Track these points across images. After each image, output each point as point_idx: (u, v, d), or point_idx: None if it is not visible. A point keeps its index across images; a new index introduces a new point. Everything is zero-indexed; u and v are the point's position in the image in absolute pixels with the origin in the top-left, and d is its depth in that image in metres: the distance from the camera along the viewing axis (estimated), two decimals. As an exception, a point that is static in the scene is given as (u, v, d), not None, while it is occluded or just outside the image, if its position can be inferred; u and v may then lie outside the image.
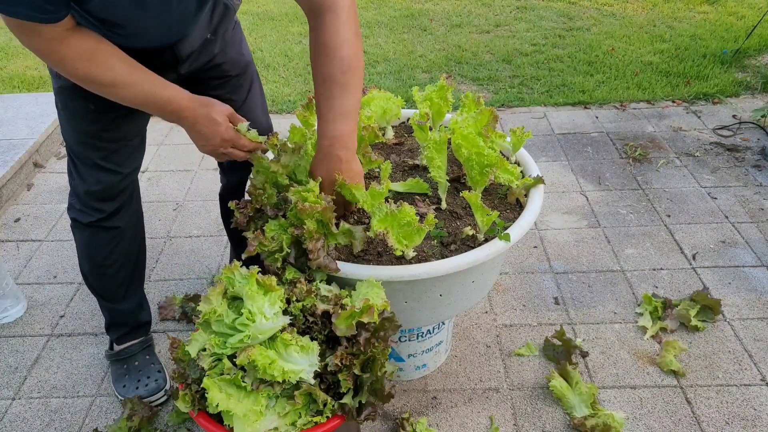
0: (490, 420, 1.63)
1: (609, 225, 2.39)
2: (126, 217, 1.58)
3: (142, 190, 2.71)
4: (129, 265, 1.67)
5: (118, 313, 1.73)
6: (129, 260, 1.66)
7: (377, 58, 4.01)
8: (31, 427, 1.67)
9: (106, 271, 1.63)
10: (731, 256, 2.18)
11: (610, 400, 1.68)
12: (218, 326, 1.08)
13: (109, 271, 1.64)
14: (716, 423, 1.60)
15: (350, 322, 1.10)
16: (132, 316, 1.75)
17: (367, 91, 1.63)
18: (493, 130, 1.42)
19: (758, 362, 1.76)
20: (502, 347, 1.86)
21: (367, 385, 1.11)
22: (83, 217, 1.53)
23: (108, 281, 1.66)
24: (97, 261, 1.61)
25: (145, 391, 1.69)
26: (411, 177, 1.49)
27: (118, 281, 1.67)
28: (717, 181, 2.61)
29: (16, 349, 1.93)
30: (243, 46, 1.55)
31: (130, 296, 1.72)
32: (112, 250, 1.60)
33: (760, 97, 3.33)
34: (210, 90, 1.48)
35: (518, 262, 2.21)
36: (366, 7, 4.99)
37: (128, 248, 1.64)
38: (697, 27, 4.22)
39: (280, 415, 1.06)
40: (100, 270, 1.63)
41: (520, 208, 1.39)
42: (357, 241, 1.24)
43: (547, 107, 3.36)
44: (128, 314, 1.74)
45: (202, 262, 2.27)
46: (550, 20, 4.54)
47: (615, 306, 2.00)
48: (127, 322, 1.75)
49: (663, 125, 3.09)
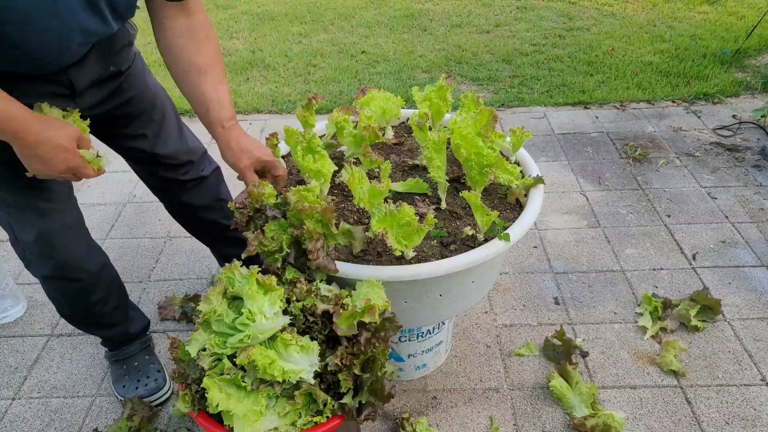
0: (490, 420, 1.63)
1: (609, 225, 2.39)
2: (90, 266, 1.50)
3: (143, 190, 2.72)
4: (114, 297, 1.63)
5: (115, 336, 1.72)
6: (113, 290, 1.62)
7: (377, 58, 4.01)
8: (31, 427, 1.67)
9: (93, 310, 1.58)
10: (731, 256, 2.18)
11: (610, 400, 1.68)
12: (218, 326, 1.08)
13: (96, 309, 1.58)
14: (716, 423, 1.60)
15: (351, 322, 1.10)
16: (125, 335, 1.73)
17: (367, 91, 1.63)
18: (493, 130, 1.42)
19: (758, 362, 1.76)
20: (502, 347, 1.86)
21: (367, 385, 1.11)
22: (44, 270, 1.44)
23: (98, 316, 1.62)
24: (81, 304, 1.56)
25: (145, 391, 1.69)
26: (411, 177, 1.49)
27: (109, 310, 1.63)
28: (717, 181, 2.61)
29: (16, 349, 1.93)
30: (148, 79, 1.49)
31: (125, 316, 1.71)
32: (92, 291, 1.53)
33: (760, 97, 3.33)
34: (121, 128, 1.46)
35: (518, 262, 2.21)
36: (366, 7, 4.99)
37: (109, 283, 1.59)
38: (697, 27, 4.22)
39: (280, 415, 1.06)
40: (86, 309, 1.58)
41: (520, 208, 1.39)
42: (357, 241, 1.24)
43: (547, 107, 3.36)
44: (123, 334, 1.73)
45: (202, 262, 2.27)
46: (550, 20, 4.54)
47: (615, 306, 2.00)
48: (122, 339, 1.74)
49: (663, 125, 3.09)
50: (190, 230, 1.85)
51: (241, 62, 4.03)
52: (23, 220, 1.36)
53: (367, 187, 1.24)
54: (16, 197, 1.33)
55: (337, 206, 1.37)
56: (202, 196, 1.69)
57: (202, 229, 1.81)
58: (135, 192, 2.73)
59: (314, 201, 1.19)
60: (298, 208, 1.16)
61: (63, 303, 1.57)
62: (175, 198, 1.69)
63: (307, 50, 4.18)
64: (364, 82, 3.69)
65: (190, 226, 1.83)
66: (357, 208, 1.39)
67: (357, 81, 3.70)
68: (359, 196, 1.23)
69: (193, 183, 1.65)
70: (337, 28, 4.58)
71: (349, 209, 1.39)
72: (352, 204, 1.40)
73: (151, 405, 1.66)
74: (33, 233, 1.36)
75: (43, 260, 1.43)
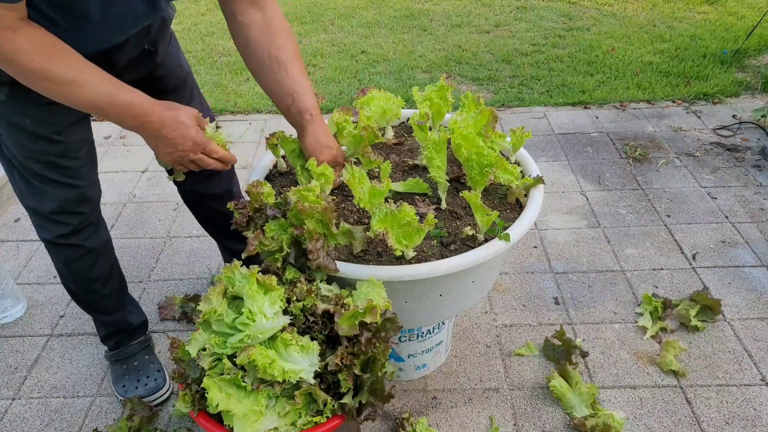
0: (490, 420, 1.63)
1: (609, 225, 2.39)
2: (94, 240, 1.52)
3: (142, 190, 2.73)
4: (115, 278, 1.65)
5: (114, 324, 1.72)
6: (113, 273, 1.64)
7: (377, 58, 4.01)
8: (31, 427, 1.67)
9: (93, 286, 1.60)
10: (731, 256, 2.18)
11: (610, 400, 1.68)
12: (218, 326, 1.08)
13: (96, 286, 1.61)
14: (716, 423, 1.60)
15: (353, 322, 1.10)
16: (125, 322, 1.74)
17: (367, 91, 1.63)
18: (493, 130, 1.42)
19: (758, 362, 1.76)
20: (502, 347, 1.86)
21: (367, 385, 1.11)
22: (50, 234, 1.46)
23: (97, 296, 1.64)
24: (81, 278, 1.58)
25: (145, 391, 1.69)
26: (411, 177, 1.49)
27: (108, 292, 1.65)
28: (717, 181, 2.61)
29: (16, 349, 1.93)
30: (181, 58, 1.52)
31: (123, 304, 1.72)
32: (91, 266, 1.55)
33: (760, 97, 3.33)
34: None
35: (518, 262, 2.21)
36: (366, 7, 4.99)
37: (110, 264, 1.62)
38: (697, 27, 4.22)
39: (280, 415, 1.06)
40: (86, 285, 1.60)
41: (520, 208, 1.39)
42: (357, 241, 1.24)
43: (547, 107, 3.36)
44: (122, 321, 1.73)
45: (202, 262, 2.27)
46: (550, 20, 4.54)
47: (615, 306, 2.00)
48: (121, 329, 1.74)
49: (663, 125, 3.09)
50: (200, 220, 1.88)
51: (241, 62, 4.00)
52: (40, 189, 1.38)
53: (368, 187, 1.24)
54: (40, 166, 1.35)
55: (337, 206, 1.37)
56: (215, 185, 1.71)
57: (212, 220, 1.84)
58: (135, 192, 2.73)
59: (314, 201, 1.19)
60: (298, 208, 1.16)
61: (67, 276, 1.59)
62: (188, 184, 1.69)
63: (307, 50, 4.18)
64: (364, 82, 3.69)
65: (201, 216, 1.86)
66: (357, 208, 1.39)
67: (357, 81, 3.70)
68: (359, 196, 1.23)
69: (209, 170, 1.67)
70: (337, 28, 4.58)
71: (349, 209, 1.39)
72: (352, 204, 1.40)
73: (151, 405, 1.66)
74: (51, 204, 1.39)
75: (50, 224, 1.45)
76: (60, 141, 1.31)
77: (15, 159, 1.34)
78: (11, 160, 1.35)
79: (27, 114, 1.23)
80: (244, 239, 1.23)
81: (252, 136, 3.16)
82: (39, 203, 1.40)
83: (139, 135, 1.20)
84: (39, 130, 1.27)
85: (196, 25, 4.68)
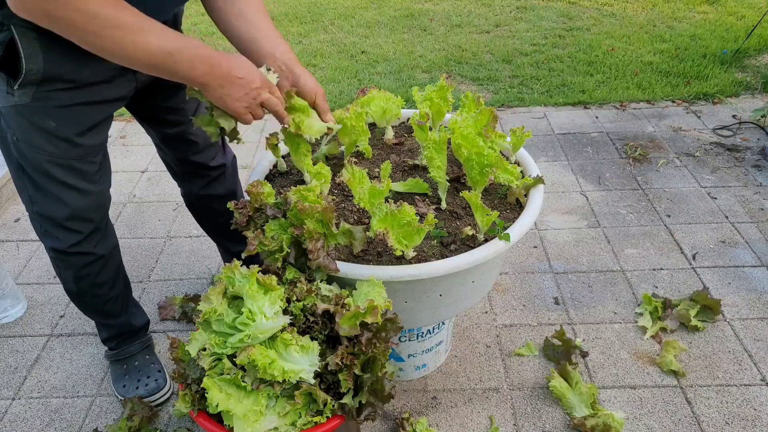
0: (490, 420, 1.63)
1: (609, 225, 2.39)
2: (103, 246, 1.51)
3: (142, 190, 2.73)
4: (120, 282, 1.64)
5: (117, 326, 1.72)
6: (119, 277, 1.63)
7: (377, 57, 4.01)
8: (31, 427, 1.67)
9: (100, 291, 1.59)
10: (731, 256, 2.18)
11: (610, 400, 1.68)
12: (218, 326, 1.08)
13: (103, 291, 1.59)
14: (716, 423, 1.60)
15: (354, 323, 1.10)
16: (128, 325, 1.73)
17: (367, 91, 1.63)
18: (493, 130, 1.42)
19: (758, 362, 1.76)
20: (502, 347, 1.86)
21: (367, 385, 1.11)
22: (61, 244, 1.44)
23: (103, 300, 1.62)
24: (89, 284, 1.56)
25: (145, 391, 1.69)
26: (411, 177, 1.49)
27: (114, 296, 1.64)
28: (717, 181, 2.61)
29: (16, 349, 1.93)
30: None
31: (127, 307, 1.71)
32: (99, 272, 1.54)
33: (760, 97, 3.33)
34: (165, 100, 1.48)
35: (518, 262, 2.21)
36: (366, 7, 4.99)
37: (117, 269, 1.61)
38: (697, 27, 4.22)
39: (280, 415, 1.06)
40: (93, 291, 1.59)
41: (520, 208, 1.39)
42: (357, 241, 1.24)
43: (547, 107, 3.36)
44: (125, 324, 1.73)
45: (202, 262, 2.27)
46: (550, 20, 4.54)
47: (615, 306, 2.00)
48: (123, 332, 1.74)
49: (663, 125, 3.09)
50: (201, 223, 1.89)
51: (241, 62, 4.02)
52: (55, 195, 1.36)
53: (368, 186, 1.24)
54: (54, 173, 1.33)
55: (337, 206, 1.37)
56: (219, 186, 1.73)
57: (213, 221, 1.85)
58: (135, 192, 2.73)
59: (314, 201, 1.19)
60: (298, 208, 1.16)
61: (70, 280, 1.56)
62: (195, 187, 1.71)
63: (307, 50, 4.18)
64: (364, 82, 3.69)
65: (202, 218, 1.87)
66: (357, 207, 1.39)
67: (357, 81, 3.70)
68: (359, 196, 1.24)
69: (218, 171, 1.70)
70: (337, 28, 4.58)
71: (349, 209, 1.39)
72: (352, 204, 1.40)
73: (151, 405, 1.66)
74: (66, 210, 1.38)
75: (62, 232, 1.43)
76: (80, 144, 1.32)
77: (29, 165, 1.31)
78: (23, 166, 1.33)
79: (51, 115, 1.23)
80: (244, 240, 1.22)
81: (252, 136, 3.16)
82: (53, 209, 1.38)
83: (204, 87, 1.15)
84: (61, 132, 1.27)
85: (196, 25, 4.68)
